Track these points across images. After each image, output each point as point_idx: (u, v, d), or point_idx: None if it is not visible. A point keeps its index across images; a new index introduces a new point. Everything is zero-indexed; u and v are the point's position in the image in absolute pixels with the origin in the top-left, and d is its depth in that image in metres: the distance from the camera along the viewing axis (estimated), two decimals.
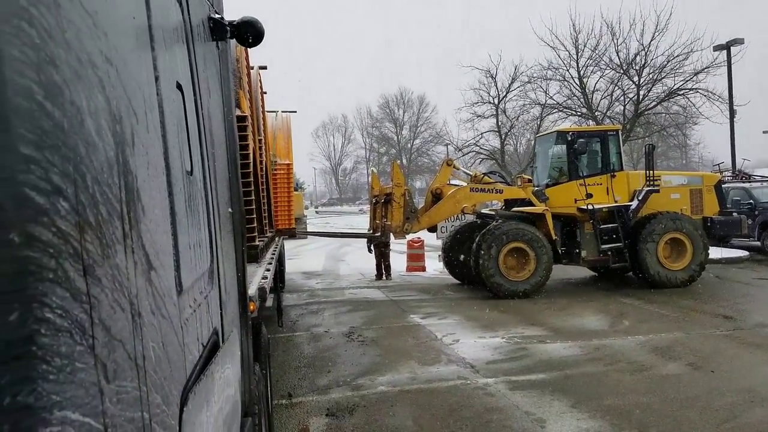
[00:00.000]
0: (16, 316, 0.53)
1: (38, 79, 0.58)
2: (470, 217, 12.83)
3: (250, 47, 2.30)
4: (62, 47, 0.64)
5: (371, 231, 13.09)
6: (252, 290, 3.26)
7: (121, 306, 0.79)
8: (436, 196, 11.81)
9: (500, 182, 12.60)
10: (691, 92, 23.01)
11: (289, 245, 18.44)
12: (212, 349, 1.66)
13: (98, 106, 0.75)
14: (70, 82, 0.66)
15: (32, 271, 0.55)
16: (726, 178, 16.45)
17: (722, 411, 4.87)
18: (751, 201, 15.70)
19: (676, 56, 22.54)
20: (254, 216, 4.86)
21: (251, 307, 2.95)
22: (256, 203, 5.05)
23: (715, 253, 13.29)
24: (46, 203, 0.58)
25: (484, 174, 12.75)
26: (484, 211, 12.82)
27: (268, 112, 8.27)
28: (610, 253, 11.15)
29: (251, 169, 4.81)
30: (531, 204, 11.47)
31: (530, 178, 12.61)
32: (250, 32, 2.17)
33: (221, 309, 1.90)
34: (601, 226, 11.16)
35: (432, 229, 12.73)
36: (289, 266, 15.27)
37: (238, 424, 2.11)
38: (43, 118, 0.59)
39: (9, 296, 0.53)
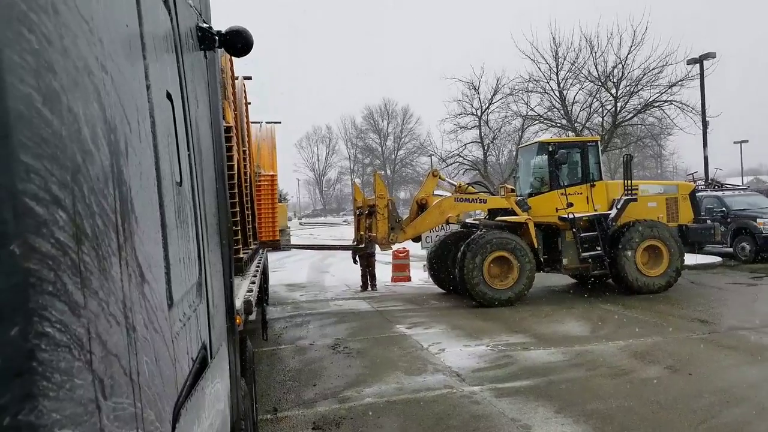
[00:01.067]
0: (17, 331, 0.51)
1: (37, 85, 0.56)
2: (455, 227, 12.89)
3: (238, 57, 2.29)
4: (60, 53, 0.63)
5: (356, 243, 13.06)
6: (238, 303, 3.22)
7: (116, 320, 0.77)
8: (422, 207, 11.85)
9: (484, 192, 12.69)
10: (666, 104, 23.53)
11: (273, 257, 18.29)
12: (201, 364, 1.63)
13: (94, 114, 0.73)
14: (68, 89, 0.64)
15: (33, 283, 0.54)
16: (699, 187, 16.80)
17: (700, 412, 4.96)
18: (724, 209, 16.08)
19: (652, 69, 23.05)
20: (239, 228, 4.81)
21: (237, 321, 2.90)
22: (240, 215, 5.00)
23: (690, 259, 13.53)
24: (46, 214, 0.57)
25: (469, 184, 12.84)
26: (468, 220, 12.89)
27: (252, 122, 8.23)
28: (590, 260, 11.29)
29: (236, 181, 4.78)
30: (514, 213, 11.57)
31: (513, 188, 12.73)
32: (238, 42, 2.16)
33: (209, 323, 1.87)
34: (582, 235, 11.30)
35: (417, 239, 12.75)
36: (273, 278, 15.14)
37: None
38: (42, 126, 0.57)
39: (10, 310, 0.51)
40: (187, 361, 1.40)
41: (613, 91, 24.25)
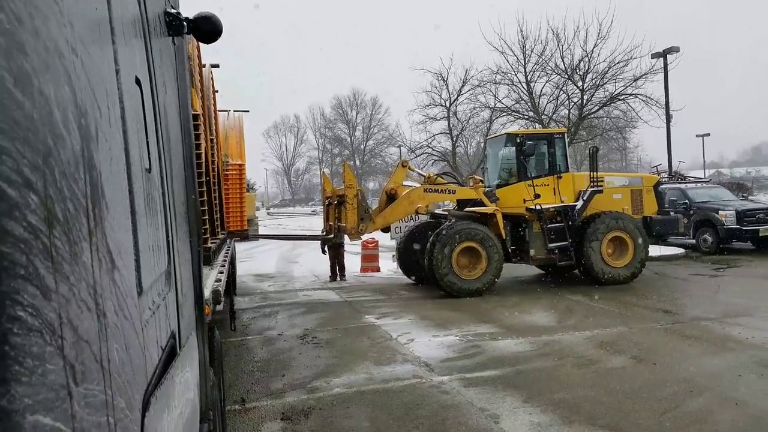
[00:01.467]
0: None
1: (9, 66, 0.55)
2: (424, 218, 12.98)
3: (207, 43, 2.25)
4: (31, 34, 0.61)
5: (325, 233, 13.02)
6: (206, 293, 3.19)
7: (87, 306, 0.76)
8: (391, 197, 11.88)
9: (453, 183, 12.79)
10: (631, 97, 24.06)
11: (241, 247, 18.09)
12: (171, 353, 1.62)
13: (65, 97, 0.72)
14: (39, 71, 0.63)
15: (5, 266, 0.53)
16: (663, 180, 17.27)
17: (664, 401, 5.10)
18: (687, 201, 16.55)
19: (617, 63, 23.51)
20: (207, 217, 4.75)
21: (206, 311, 2.88)
22: (208, 204, 4.93)
23: (654, 250, 13.94)
24: (18, 197, 0.56)
25: (438, 175, 12.92)
26: (437, 211, 12.99)
27: (219, 111, 8.10)
28: (557, 251, 11.50)
29: (204, 169, 4.70)
30: (482, 204, 11.70)
31: (482, 179, 12.87)
32: (207, 28, 2.13)
33: (178, 312, 1.86)
34: (549, 226, 11.50)
35: (386, 229, 12.80)
36: (241, 269, 14.99)
37: (197, 429, 2.06)
38: (14, 108, 0.56)
39: None
40: (157, 349, 1.39)
41: (580, 83, 24.68)
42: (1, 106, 0.53)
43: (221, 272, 4.36)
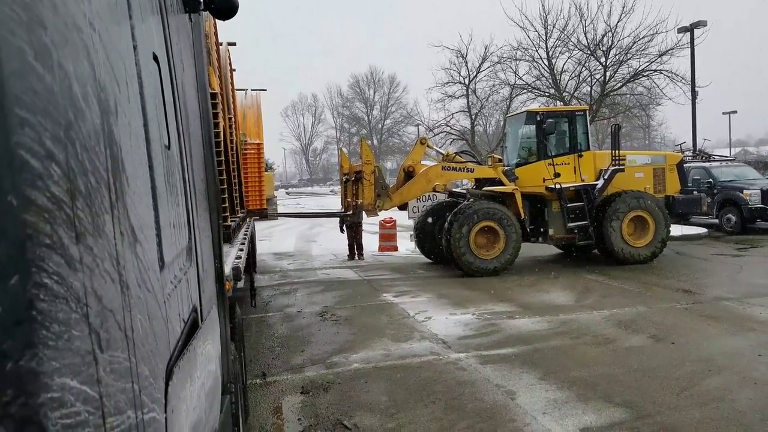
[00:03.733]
0: (16, 280, 0.52)
1: (29, 39, 0.56)
2: (441, 197, 12.93)
3: (223, 20, 2.25)
4: (49, 8, 0.62)
5: (343, 210, 13.07)
6: (227, 270, 3.24)
7: (111, 276, 0.78)
8: (408, 174, 11.84)
9: (471, 162, 12.69)
10: (655, 73, 23.52)
11: (260, 226, 18.25)
12: (192, 326, 1.66)
13: (84, 71, 0.73)
14: (58, 45, 0.64)
15: (30, 235, 0.55)
16: (687, 158, 16.91)
17: (682, 380, 5.08)
18: (711, 180, 16.21)
19: (642, 38, 22.97)
20: (226, 195, 4.80)
21: (227, 286, 2.93)
22: (227, 183, 4.98)
23: (676, 230, 13.73)
24: (41, 167, 0.57)
25: (456, 153, 12.83)
26: (455, 190, 12.93)
27: (237, 90, 8.11)
28: (576, 231, 11.40)
29: (222, 148, 4.73)
30: (501, 183, 11.61)
31: (501, 157, 12.74)
32: (223, 5, 2.13)
33: (199, 286, 1.89)
34: (568, 205, 11.38)
35: (403, 207, 12.79)
36: (260, 247, 15.15)
37: (219, 400, 2.11)
38: (35, 81, 0.57)
39: (9, 259, 0.52)
40: (179, 322, 1.42)
41: (602, 59, 24.17)
42: (21, 79, 0.55)
43: (241, 250, 4.43)
